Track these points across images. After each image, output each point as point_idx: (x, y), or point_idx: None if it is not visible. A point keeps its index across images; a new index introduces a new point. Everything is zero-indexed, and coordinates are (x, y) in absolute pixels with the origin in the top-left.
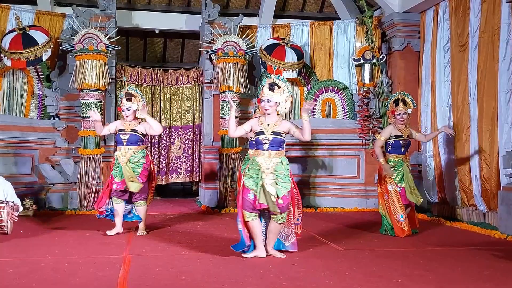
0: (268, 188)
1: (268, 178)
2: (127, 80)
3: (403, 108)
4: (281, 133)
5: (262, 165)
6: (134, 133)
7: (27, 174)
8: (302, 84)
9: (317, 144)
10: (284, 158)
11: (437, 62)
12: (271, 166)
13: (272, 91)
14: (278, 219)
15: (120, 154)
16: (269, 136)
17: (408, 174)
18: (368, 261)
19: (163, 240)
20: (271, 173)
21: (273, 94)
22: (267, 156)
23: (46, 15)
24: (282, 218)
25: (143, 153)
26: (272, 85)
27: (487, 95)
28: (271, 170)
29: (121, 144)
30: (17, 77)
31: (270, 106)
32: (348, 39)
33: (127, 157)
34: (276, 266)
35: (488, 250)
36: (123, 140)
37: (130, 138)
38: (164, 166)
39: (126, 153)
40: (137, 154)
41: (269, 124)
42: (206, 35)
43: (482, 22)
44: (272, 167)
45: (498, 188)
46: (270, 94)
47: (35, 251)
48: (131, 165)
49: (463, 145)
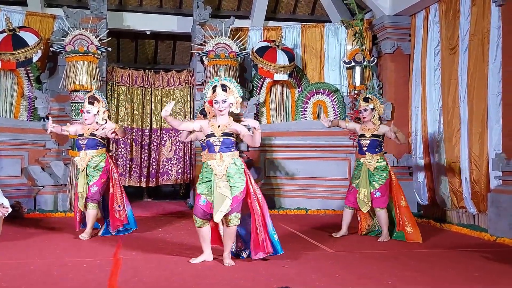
0: (221, 191)
1: (221, 181)
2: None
3: (364, 105)
4: (231, 133)
5: (214, 168)
6: (92, 137)
7: (16, 176)
8: (293, 87)
9: (307, 146)
10: (237, 159)
11: (427, 65)
12: (223, 168)
13: (225, 91)
14: (228, 221)
15: (79, 160)
16: (220, 138)
17: (364, 176)
18: (359, 263)
19: (153, 242)
20: (224, 175)
21: (227, 94)
22: (218, 158)
23: (36, 16)
24: (232, 220)
25: (103, 156)
26: (224, 86)
27: (477, 97)
28: (224, 172)
29: (80, 149)
30: (6, 78)
31: (225, 106)
32: (339, 41)
33: (86, 161)
34: (267, 268)
35: (478, 252)
36: (81, 145)
37: (88, 143)
38: (155, 168)
39: (85, 158)
40: (96, 158)
41: (220, 126)
42: (197, 37)
43: (472, 25)
44: (224, 169)
45: (488, 190)
46: (224, 94)
47: (25, 254)
48: (90, 170)
49: (453, 147)
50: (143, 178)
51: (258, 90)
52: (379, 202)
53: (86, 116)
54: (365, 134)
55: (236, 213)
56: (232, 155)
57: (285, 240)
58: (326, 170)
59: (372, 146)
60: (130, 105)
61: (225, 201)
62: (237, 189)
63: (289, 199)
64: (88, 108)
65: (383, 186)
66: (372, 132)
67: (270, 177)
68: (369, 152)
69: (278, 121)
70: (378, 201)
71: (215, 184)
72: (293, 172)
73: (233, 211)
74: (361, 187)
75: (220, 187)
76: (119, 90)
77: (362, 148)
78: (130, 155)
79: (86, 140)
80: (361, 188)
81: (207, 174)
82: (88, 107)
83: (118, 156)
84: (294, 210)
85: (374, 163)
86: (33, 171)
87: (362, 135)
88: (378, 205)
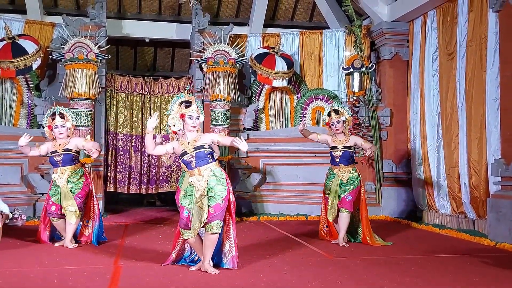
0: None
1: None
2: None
3: (336, 117)
4: (203, 145)
5: (195, 183)
6: (67, 153)
7: (16, 184)
8: (292, 93)
9: (307, 152)
10: (217, 169)
11: (425, 71)
12: (204, 182)
13: (197, 108)
14: (210, 228)
15: (58, 177)
16: (193, 153)
17: (335, 186)
18: (359, 269)
19: (153, 249)
20: (205, 188)
21: (199, 111)
22: (197, 173)
23: (36, 24)
24: (214, 227)
25: (81, 171)
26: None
27: (475, 103)
28: (204, 186)
29: (56, 166)
30: (6, 86)
31: (197, 123)
32: (337, 48)
33: (65, 178)
34: (267, 275)
35: (477, 257)
36: (57, 161)
37: (64, 159)
38: (154, 175)
39: (63, 174)
40: (75, 173)
41: (189, 142)
42: (196, 44)
43: (470, 31)
44: (205, 183)
45: (487, 196)
46: (196, 111)
47: (25, 261)
48: (70, 186)
49: (452, 152)
50: (142, 185)
51: (257, 97)
52: (348, 205)
53: (60, 131)
54: (337, 146)
55: (218, 221)
56: (210, 167)
57: (286, 246)
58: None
59: (344, 157)
60: (130, 112)
61: (201, 217)
62: (218, 197)
63: (289, 205)
64: (62, 123)
65: (354, 191)
66: (343, 143)
67: (270, 183)
68: (342, 164)
69: (277, 127)
70: (347, 204)
71: (194, 199)
72: (292, 178)
73: (215, 218)
74: (329, 196)
75: (197, 202)
76: (118, 97)
77: (335, 160)
78: (130, 162)
79: (61, 156)
80: (329, 196)
81: (190, 188)
82: (62, 122)
83: (118, 164)
84: (294, 216)
85: (347, 174)
86: (32, 178)
87: (334, 147)
88: (346, 207)
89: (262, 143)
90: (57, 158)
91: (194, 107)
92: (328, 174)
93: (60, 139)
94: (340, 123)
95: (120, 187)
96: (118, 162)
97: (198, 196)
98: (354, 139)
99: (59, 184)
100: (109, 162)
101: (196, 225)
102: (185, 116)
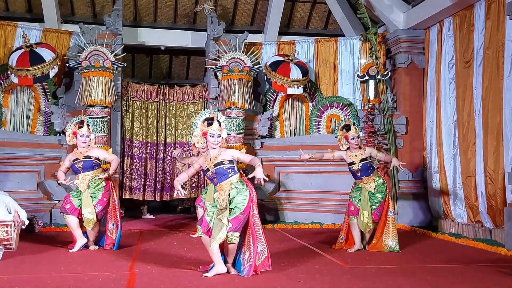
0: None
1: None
2: (133, 96)
3: (355, 131)
4: (222, 161)
5: (218, 198)
6: (88, 159)
7: (32, 191)
8: (307, 101)
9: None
10: (237, 181)
11: (441, 78)
12: (225, 197)
13: (220, 126)
14: (228, 238)
15: (79, 182)
16: (213, 170)
17: (366, 198)
18: (374, 278)
19: (168, 256)
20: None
21: (221, 129)
22: (220, 189)
23: (53, 32)
24: (230, 237)
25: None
26: (217, 121)
27: (492, 111)
28: (226, 201)
29: (78, 172)
30: (23, 94)
31: (219, 141)
32: (352, 55)
33: (86, 183)
34: (282, 283)
35: (494, 267)
36: (78, 168)
37: (84, 165)
38: (169, 182)
39: (84, 180)
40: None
41: (211, 159)
42: (211, 52)
43: (487, 38)
44: (226, 197)
45: (504, 205)
46: (218, 129)
47: (41, 267)
48: (91, 191)
49: (468, 161)
50: (157, 192)
51: (271, 104)
52: (375, 218)
53: (84, 140)
54: (354, 161)
55: (233, 232)
56: (230, 181)
57: (300, 254)
58: (340, 184)
59: (364, 169)
60: (145, 119)
61: (222, 229)
62: (238, 209)
63: (303, 213)
64: (87, 133)
65: (382, 204)
66: (360, 157)
67: (284, 191)
68: (364, 176)
69: (292, 135)
70: (375, 217)
71: (216, 211)
72: (307, 186)
73: (231, 230)
74: (363, 209)
75: (219, 214)
76: (134, 105)
77: (357, 174)
78: (145, 169)
79: (82, 163)
80: (363, 210)
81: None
82: (87, 132)
83: (133, 171)
84: (308, 225)
85: (373, 184)
86: (49, 185)
87: (352, 162)
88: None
89: (277, 150)
90: (78, 165)
91: (216, 125)
92: (354, 187)
93: (82, 147)
94: (359, 138)
95: (135, 194)
96: (133, 169)
97: (220, 209)
98: (369, 150)
99: (81, 189)
100: (124, 169)
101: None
102: (207, 134)
